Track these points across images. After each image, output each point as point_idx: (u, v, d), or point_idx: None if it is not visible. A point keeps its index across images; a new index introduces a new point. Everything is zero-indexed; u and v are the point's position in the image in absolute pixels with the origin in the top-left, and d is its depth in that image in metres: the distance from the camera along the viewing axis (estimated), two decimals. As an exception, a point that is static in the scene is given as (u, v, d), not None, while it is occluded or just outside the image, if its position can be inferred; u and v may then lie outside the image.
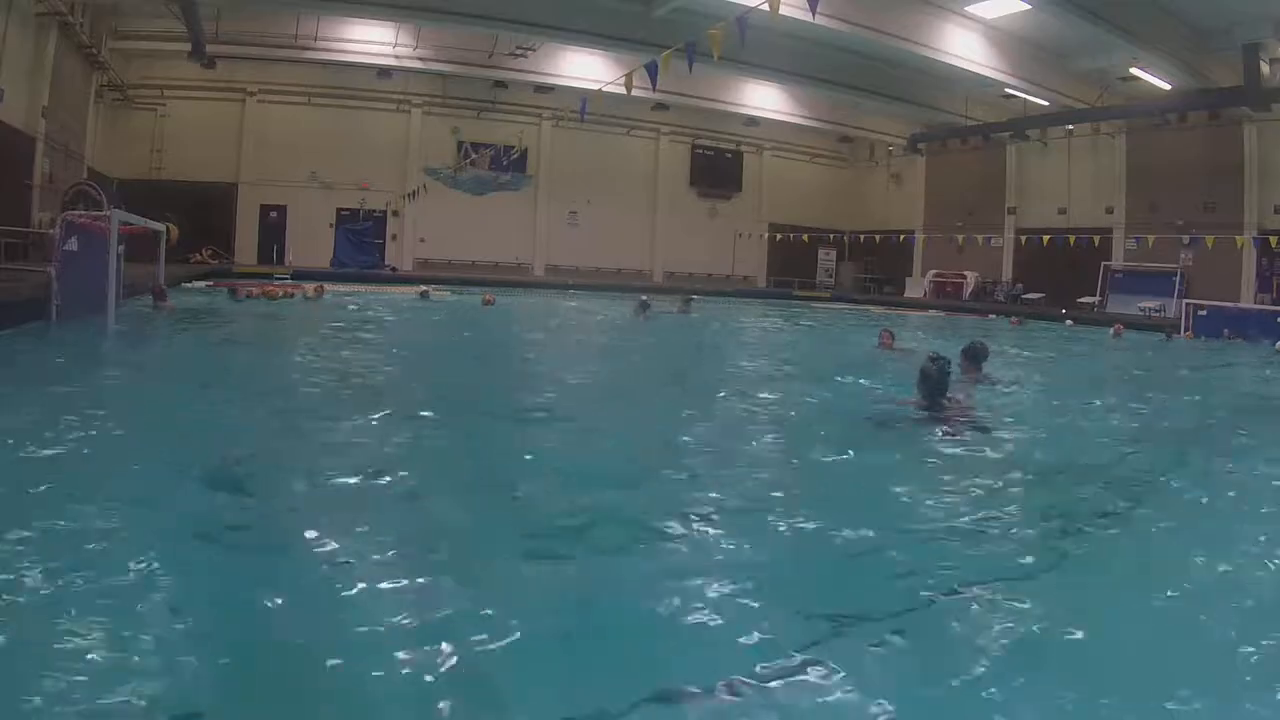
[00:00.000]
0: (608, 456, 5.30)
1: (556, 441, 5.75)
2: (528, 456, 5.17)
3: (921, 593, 3.09)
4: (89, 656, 2.35)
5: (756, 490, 4.47)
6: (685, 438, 5.66)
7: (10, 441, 4.57)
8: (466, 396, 7.43)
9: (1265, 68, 18.86)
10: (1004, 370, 9.75)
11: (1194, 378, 12.17)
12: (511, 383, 8.49)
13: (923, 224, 31.20)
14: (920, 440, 5.69)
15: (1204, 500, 4.79)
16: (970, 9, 19.27)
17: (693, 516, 3.85)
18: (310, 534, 3.50)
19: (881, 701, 2.30)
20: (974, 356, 8.51)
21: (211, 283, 18.69)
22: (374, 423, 5.90)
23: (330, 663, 2.43)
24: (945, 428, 5.83)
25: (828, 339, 15.92)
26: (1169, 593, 3.28)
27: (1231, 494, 4.90)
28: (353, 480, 4.37)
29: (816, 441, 5.88)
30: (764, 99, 27.88)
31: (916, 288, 30.52)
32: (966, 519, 4.05)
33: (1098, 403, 8.66)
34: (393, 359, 10.04)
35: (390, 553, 3.32)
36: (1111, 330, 18.08)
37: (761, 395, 7.90)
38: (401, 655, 2.47)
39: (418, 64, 24.54)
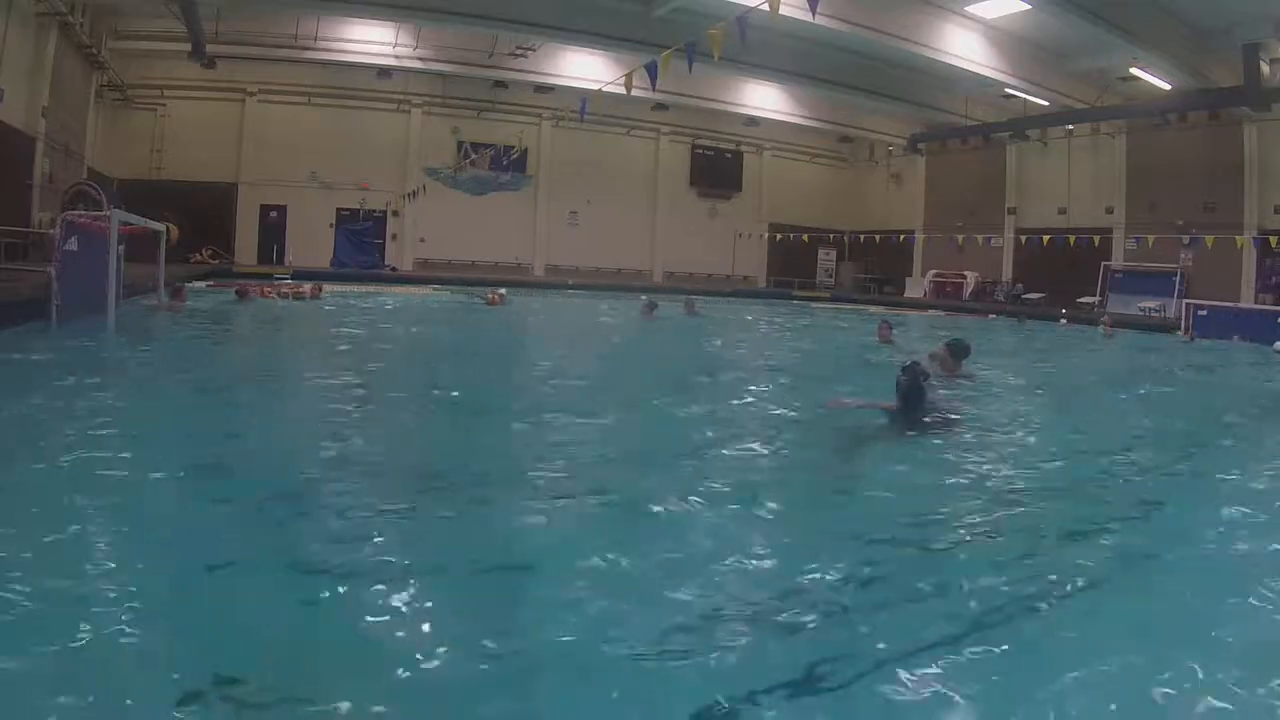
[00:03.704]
0: (590, 456, 5.29)
1: (545, 439, 5.74)
2: (523, 454, 5.18)
3: (883, 597, 3.08)
4: (85, 656, 2.35)
5: (723, 493, 4.43)
6: (673, 439, 5.67)
7: (8, 442, 4.57)
8: (483, 394, 7.45)
9: (1265, 68, 18.85)
10: (992, 370, 9.77)
11: (1191, 380, 12.15)
12: (522, 383, 8.51)
13: (923, 224, 31.18)
14: (893, 445, 5.71)
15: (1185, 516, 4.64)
16: (970, 9, 19.26)
17: (668, 512, 3.86)
18: (312, 537, 3.50)
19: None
20: (955, 352, 8.57)
21: (212, 282, 18.68)
22: (383, 420, 5.90)
23: (329, 665, 2.44)
24: (919, 433, 5.86)
25: (824, 339, 15.93)
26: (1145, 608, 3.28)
27: (1220, 508, 4.80)
28: (357, 481, 4.37)
29: (794, 444, 5.88)
30: (764, 99, 27.86)
31: (916, 288, 30.51)
32: (930, 528, 4.01)
33: (1080, 405, 8.64)
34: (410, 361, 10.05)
35: (391, 549, 3.33)
36: (1101, 329, 17.96)
37: (749, 396, 7.90)
38: (403, 657, 2.48)
39: (418, 64, 24.54)
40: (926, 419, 6.05)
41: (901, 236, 30.79)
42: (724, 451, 5.47)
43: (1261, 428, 7.73)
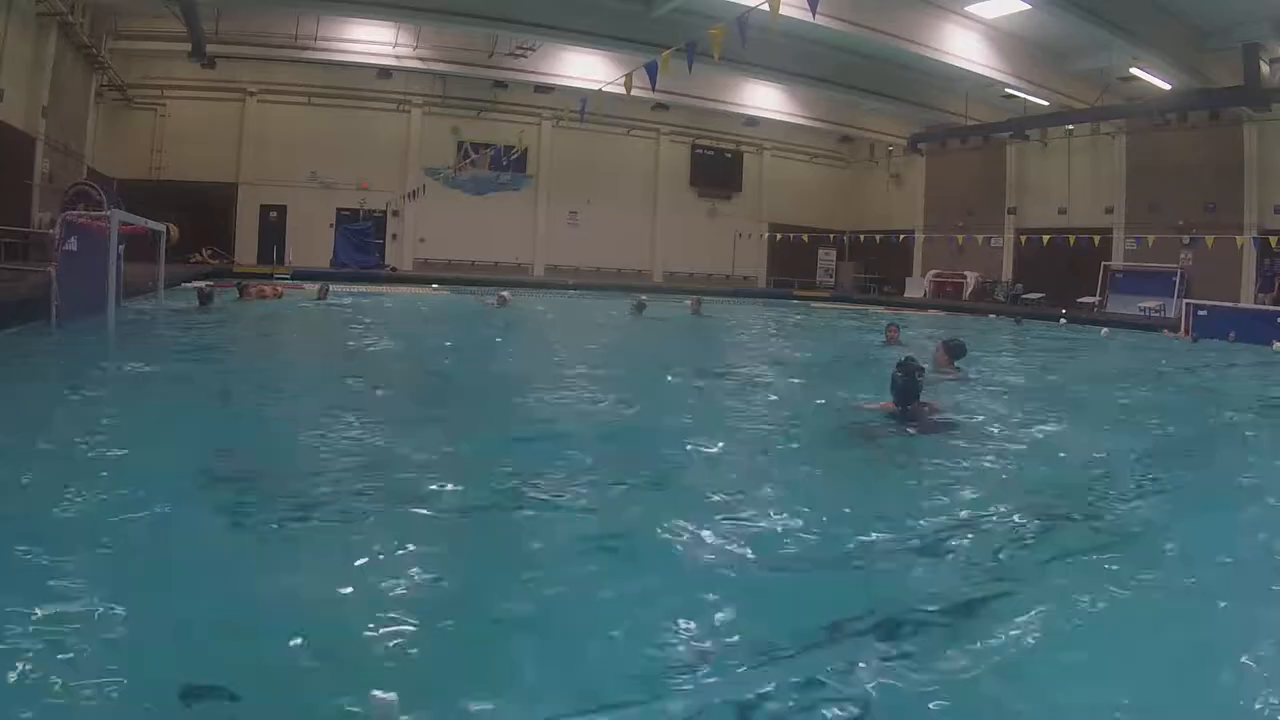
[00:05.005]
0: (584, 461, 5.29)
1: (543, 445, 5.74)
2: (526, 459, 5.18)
3: (870, 601, 3.07)
4: (85, 656, 2.35)
5: (714, 494, 4.43)
6: (674, 438, 5.67)
7: (6, 442, 4.58)
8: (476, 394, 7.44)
9: (1265, 68, 18.85)
10: (988, 370, 9.77)
11: (1187, 380, 12.14)
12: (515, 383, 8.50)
13: (923, 224, 31.19)
14: (886, 444, 5.72)
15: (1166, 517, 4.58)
16: (970, 9, 19.27)
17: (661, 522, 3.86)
18: (311, 539, 3.50)
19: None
20: (952, 351, 8.55)
21: (211, 283, 18.67)
22: (382, 423, 5.90)
23: (329, 666, 2.44)
24: (914, 431, 5.86)
25: (823, 339, 15.94)
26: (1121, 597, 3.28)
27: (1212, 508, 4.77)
28: (358, 484, 4.37)
29: (785, 445, 5.87)
30: (764, 99, 27.87)
31: (916, 288, 30.52)
32: (920, 526, 3.99)
33: (1077, 404, 8.63)
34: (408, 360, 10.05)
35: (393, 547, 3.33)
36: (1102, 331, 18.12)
37: (742, 396, 7.91)
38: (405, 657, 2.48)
39: (418, 64, 24.55)
40: (924, 415, 6.05)
41: (901, 236, 30.81)
42: (724, 451, 5.47)
43: (1259, 429, 7.72)
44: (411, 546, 3.41)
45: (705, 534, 3.73)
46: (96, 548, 3.16)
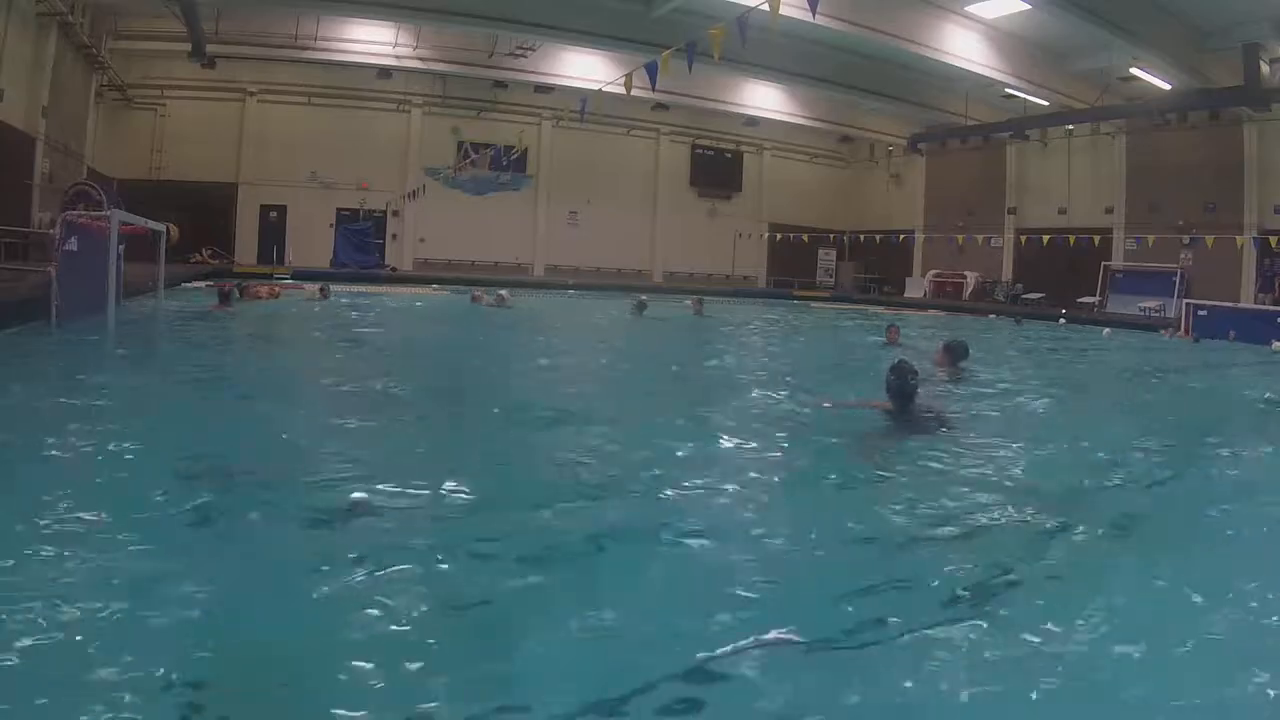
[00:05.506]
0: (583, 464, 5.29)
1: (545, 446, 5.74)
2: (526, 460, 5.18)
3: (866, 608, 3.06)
4: (85, 652, 2.35)
5: (711, 494, 4.43)
6: (677, 437, 5.67)
7: (5, 442, 4.58)
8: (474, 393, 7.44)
9: (1265, 68, 18.86)
10: (988, 370, 9.76)
11: (1186, 380, 12.14)
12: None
13: (923, 224, 31.21)
14: (883, 444, 5.72)
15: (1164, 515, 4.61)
16: (970, 9, 19.28)
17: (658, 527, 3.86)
18: (307, 538, 3.50)
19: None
20: (953, 352, 8.56)
21: (210, 283, 18.68)
22: (386, 424, 5.90)
23: (324, 664, 2.44)
24: (911, 432, 5.86)
25: (823, 339, 15.95)
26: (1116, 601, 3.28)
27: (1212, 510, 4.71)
28: (355, 484, 4.37)
29: (782, 445, 5.87)
30: (764, 99, 27.88)
31: (916, 288, 30.53)
32: (916, 526, 3.99)
33: (1077, 405, 8.63)
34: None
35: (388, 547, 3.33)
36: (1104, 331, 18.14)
37: (741, 396, 7.89)
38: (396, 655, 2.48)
39: (418, 64, 24.56)
40: (922, 417, 6.05)
41: (901, 236, 30.82)
42: (721, 451, 5.47)
43: (1259, 428, 7.72)
44: (404, 547, 3.41)
45: (701, 534, 3.72)
46: (93, 547, 3.16)
